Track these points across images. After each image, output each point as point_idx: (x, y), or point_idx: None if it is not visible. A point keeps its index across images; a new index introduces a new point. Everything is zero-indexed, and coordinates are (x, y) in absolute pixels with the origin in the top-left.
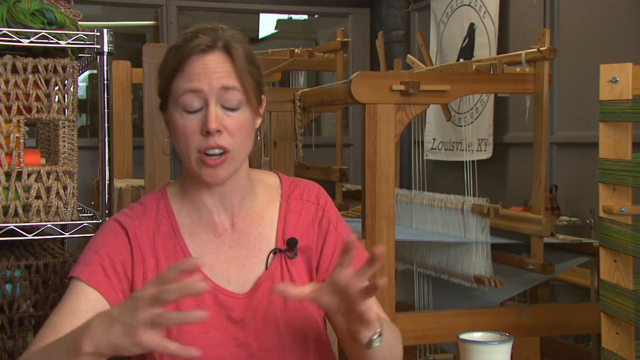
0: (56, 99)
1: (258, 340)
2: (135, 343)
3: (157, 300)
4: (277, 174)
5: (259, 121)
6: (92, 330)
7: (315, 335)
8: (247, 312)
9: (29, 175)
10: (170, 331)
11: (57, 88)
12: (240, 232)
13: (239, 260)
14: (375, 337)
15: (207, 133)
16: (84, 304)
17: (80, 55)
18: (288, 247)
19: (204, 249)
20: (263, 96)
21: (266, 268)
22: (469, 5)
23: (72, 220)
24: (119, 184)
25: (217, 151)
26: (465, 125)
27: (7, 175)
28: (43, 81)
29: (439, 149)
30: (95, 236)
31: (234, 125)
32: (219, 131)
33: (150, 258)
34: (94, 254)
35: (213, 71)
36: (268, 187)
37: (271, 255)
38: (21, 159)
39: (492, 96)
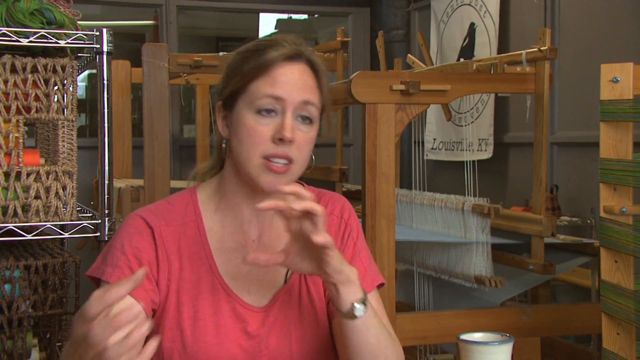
0: (55, 99)
1: (269, 355)
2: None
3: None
4: (303, 185)
5: None
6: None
7: (324, 351)
8: (263, 328)
9: (28, 175)
10: (185, 339)
11: (56, 88)
12: (266, 246)
13: (260, 273)
14: (357, 305)
15: (279, 140)
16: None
17: (79, 54)
18: None
19: (229, 257)
20: None
21: (285, 282)
22: (469, 4)
23: (71, 221)
24: (118, 184)
25: (282, 161)
26: (465, 125)
27: (6, 175)
28: (42, 81)
29: (440, 149)
30: (119, 233)
31: (303, 139)
32: (290, 141)
33: (175, 260)
34: (121, 254)
35: (297, 82)
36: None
37: (290, 271)
38: (20, 159)
39: (492, 96)
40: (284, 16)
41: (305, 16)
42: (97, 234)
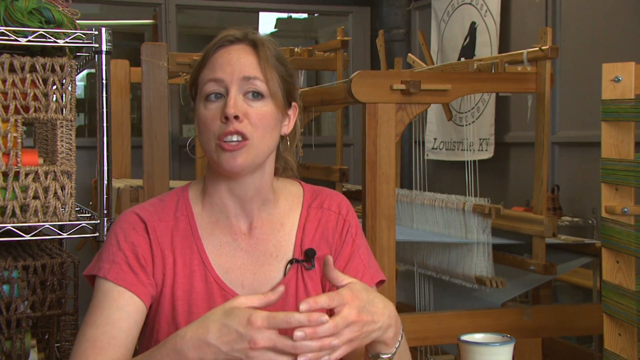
0: (54, 99)
1: None
2: None
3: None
4: (300, 183)
5: (286, 124)
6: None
7: None
8: None
9: (26, 175)
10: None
11: (55, 87)
12: (258, 238)
13: (254, 266)
14: (384, 356)
15: (225, 119)
16: (117, 311)
17: (78, 54)
18: (305, 258)
19: (220, 250)
20: (294, 103)
21: (284, 275)
22: (470, 4)
23: (70, 221)
24: (117, 184)
25: (235, 137)
26: (466, 125)
27: (5, 175)
28: (41, 80)
29: (440, 149)
30: (114, 230)
31: (255, 115)
32: (237, 117)
33: (169, 254)
34: (117, 250)
35: (236, 61)
36: (290, 195)
37: (289, 265)
38: (19, 159)
39: (493, 95)
40: (284, 15)
41: (305, 15)
42: (96, 235)
